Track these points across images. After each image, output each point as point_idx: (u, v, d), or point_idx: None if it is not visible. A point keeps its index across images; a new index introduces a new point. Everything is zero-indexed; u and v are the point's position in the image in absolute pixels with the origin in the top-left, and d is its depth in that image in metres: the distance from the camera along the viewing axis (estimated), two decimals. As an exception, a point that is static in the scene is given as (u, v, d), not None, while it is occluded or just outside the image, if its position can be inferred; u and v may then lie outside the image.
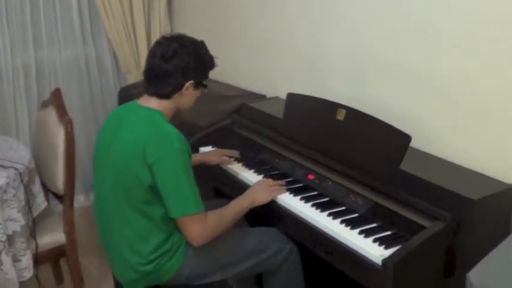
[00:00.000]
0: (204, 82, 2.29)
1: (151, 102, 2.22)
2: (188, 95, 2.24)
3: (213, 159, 2.72)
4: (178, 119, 3.14)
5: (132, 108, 2.25)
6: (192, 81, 2.21)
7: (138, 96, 2.30)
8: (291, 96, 2.67)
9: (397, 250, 1.85)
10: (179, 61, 2.16)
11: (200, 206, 2.11)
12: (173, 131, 2.12)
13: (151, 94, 2.22)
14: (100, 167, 2.29)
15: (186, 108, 2.31)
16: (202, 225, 2.13)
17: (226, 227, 2.23)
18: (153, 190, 2.10)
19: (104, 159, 2.25)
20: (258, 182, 2.43)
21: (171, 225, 2.18)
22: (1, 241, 2.38)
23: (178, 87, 2.20)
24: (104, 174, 2.24)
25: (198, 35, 2.28)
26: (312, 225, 2.16)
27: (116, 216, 2.20)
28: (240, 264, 2.31)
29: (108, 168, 2.21)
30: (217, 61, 2.30)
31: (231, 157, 2.74)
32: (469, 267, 1.61)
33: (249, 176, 2.54)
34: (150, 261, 2.17)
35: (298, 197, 2.31)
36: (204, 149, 2.88)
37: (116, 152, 2.16)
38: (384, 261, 1.82)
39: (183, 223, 2.13)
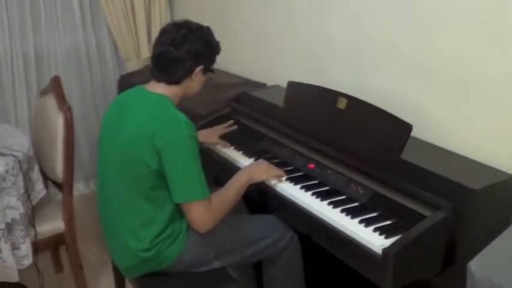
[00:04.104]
0: (211, 68, 2.33)
1: (159, 88, 2.23)
2: (196, 80, 2.27)
3: (211, 141, 2.74)
4: (177, 107, 3.13)
5: (140, 94, 2.26)
6: (201, 67, 2.24)
7: (137, 84, 2.29)
8: (292, 85, 2.66)
9: (398, 239, 1.85)
10: (189, 47, 2.18)
11: (206, 192, 2.11)
12: (182, 116, 2.13)
13: (161, 81, 2.23)
14: (105, 152, 2.28)
15: (193, 94, 2.33)
16: (207, 210, 2.13)
17: (230, 207, 2.23)
18: (160, 175, 2.10)
19: (109, 144, 2.24)
20: (257, 161, 2.45)
21: (174, 211, 2.18)
22: (0, 229, 2.38)
23: (188, 73, 2.22)
24: (110, 160, 2.23)
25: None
26: (312, 214, 2.15)
27: (120, 202, 2.20)
28: (239, 252, 2.30)
29: (114, 154, 2.20)
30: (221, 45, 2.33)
31: (229, 143, 2.75)
32: (470, 257, 1.60)
33: (249, 165, 2.53)
34: (151, 248, 2.17)
35: (299, 186, 2.31)
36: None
37: (123, 137, 2.15)
38: (385, 250, 1.81)
39: (188, 208, 2.12)
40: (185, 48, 2.18)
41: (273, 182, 2.35)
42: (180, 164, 2.08)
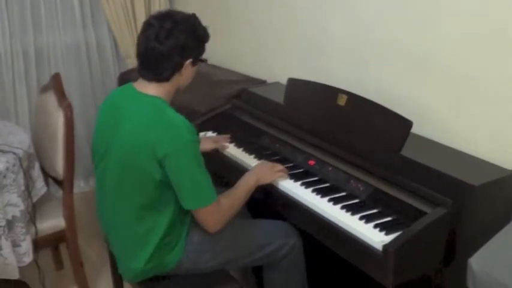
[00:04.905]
0: (201, 57, 2.21)
1: (150, 88, 2.13)
2: (186, 73, 2.16)
3: (207, 146, 2.65)
4: (177, 104, 3.13)
5: (132, 96, 2.16)
6: (190, 60, 2.12)
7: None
8: (292, 82, 2.65)
9: (398, 236, 1.85)
10: (175, 41, 2.05)
11: (213, 195, 2.08)
12: (181, 121, 2.04)
13: (150, 79, 2.13)
14: (101, 161, 2.21)
15: (186, 85, 2.23)
16: (217, 212, 2.11)
17: (238, 209, 2.21)
18: (163, 185, 2.05)
19: (105, 154, 2.17)
20: (263, 162, 2.43)
21: (175, 214, 2.14)
22: (1, 226, 2.38)
23: (178, 68, 2.11)
24: (107, 171, 2.17)
25: (198, 20, 2.24)
26: (313, 210, 2.15)
27: (123, 213, 2.15)
28: (241, 259, 2.29)
29: (112, 165, 2.14)
30: (214, 38, 2.22)
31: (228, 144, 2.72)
32: (470, 253, 1.60)
33: (250, 162, 2.53)
34: (152, 257, 2.14)
35: (299, 183, 2.31)
36: (202, 134, 2.86)
37: (120, 148, 2.08)
38: (385, 247, 1.81)
39: (199, 214, 2.10)
40: (171, 43, 2.05)
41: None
42: (186, 172, 2.03)
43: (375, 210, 2.07)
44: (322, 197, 2.19)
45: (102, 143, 2.21)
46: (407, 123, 2.12)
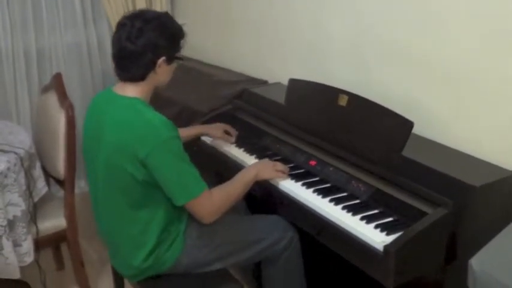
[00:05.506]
0: (177, 55, 2.19)
1: (127, 90, 2.14)
2: (162, 72, 2.14)
3: (216, 134, 2.70)
4: (178, 106, 3.14)
5: (110, 99, 2.17)
6: (164, 58, 2.11)
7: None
8: (293, 82, 2.65)
9: (399, 236, 1.85)
10: (146, 39, 2.05)
11: (202, 184, 2.08)
12: (158, 119, 2.04)
13: (126, 79, 2.14)
14: (90, 166, 2.24)
15: (165, 83, 2.22)
16: (208, 202, 2.11)
17: (234, 200, 2.21)
18: (148, 184, 2.06)
19: (92, 160, 2.20)
20: (264, 159, 2.43)
21: (170, 213, 2.16)
22: (2, 226, 2.38)
23: (151, 67, 2.10)
24: (98, 175, 2.19)
25: (199, 20, 2.24)
26: (314, 211, 2.15)
27: (115, 214, 2.17)
28: (239, 254, 2.29)
29: (99, 170, 2.16)
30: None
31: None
32: (471, 254, 1.60)
33: (251, 162, 2.52)
34: (150, 254, 2.15)
35: (300, 183, 2.31)
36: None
37: (105, 152, 2.10)
38: (386, 247, 1.82)
39: (190, 206, 2.11)
40: (142, 42, 2.05)
41: (275, 179, 2.35)
42: (169, 168, 2.04)
43: (376, 211, 2.08)
44: (323, 197, 2.20)
45: (91, 147, 2.22)
46: (408, 124, 2.12)
